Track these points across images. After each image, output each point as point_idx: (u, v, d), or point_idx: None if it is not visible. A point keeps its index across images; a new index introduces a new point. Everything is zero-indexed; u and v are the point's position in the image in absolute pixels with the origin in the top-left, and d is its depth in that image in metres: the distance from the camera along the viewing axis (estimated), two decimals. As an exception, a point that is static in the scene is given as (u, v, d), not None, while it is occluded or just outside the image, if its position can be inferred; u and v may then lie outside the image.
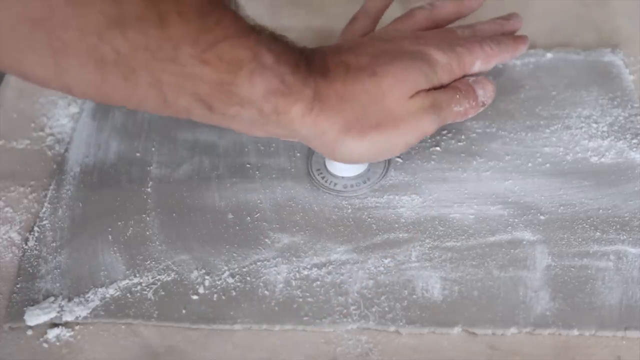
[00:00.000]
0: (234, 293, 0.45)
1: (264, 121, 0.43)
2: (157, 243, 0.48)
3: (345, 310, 0.44)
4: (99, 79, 0.39)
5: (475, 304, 0.44)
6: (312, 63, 0.44)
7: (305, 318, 0.44)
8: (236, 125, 0.44)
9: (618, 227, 0.47)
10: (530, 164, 0.52)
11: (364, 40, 0.51)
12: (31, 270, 0.47)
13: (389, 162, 0.52)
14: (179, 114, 0.42)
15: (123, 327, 0.45)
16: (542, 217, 0.48)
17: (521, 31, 0.63)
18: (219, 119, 0.43)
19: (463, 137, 0.54)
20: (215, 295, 0.45)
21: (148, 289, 0.46)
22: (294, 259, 0.47)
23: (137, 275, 0.47)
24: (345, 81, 0.45)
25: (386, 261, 0.46)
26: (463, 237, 0.48)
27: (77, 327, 0.45)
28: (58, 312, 0.45)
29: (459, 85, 0.49)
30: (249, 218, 0.49)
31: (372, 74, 0.45)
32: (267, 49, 0.41)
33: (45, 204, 0.51)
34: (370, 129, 0.45)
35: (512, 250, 0.47)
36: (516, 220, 0.48)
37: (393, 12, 0.65)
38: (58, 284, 0.46)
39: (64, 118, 0.57)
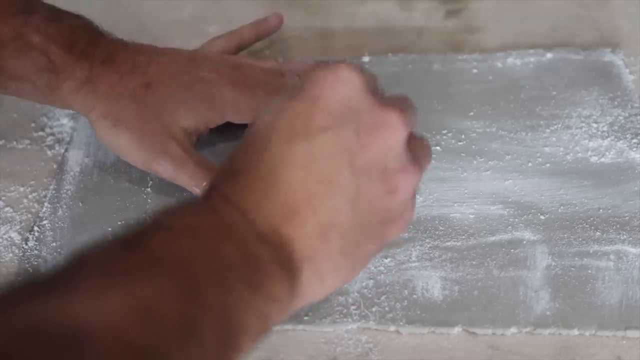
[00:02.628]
0: (234, 293, 0.45)
1: (42, 94, 0.48)
2: (157, 243, 0.48)
3: (345, 310, 0.44)
4: None
5: (476, 303, 0.44)
6: (97, 49, 0.48)
7: (306, 317, 0.44)
8: (23, 96, 0.50)
9: (618, 226, 0.47)
10: (530, 164, 0.52)
11: (170, 51, 0.52)
12: (31, 270, 0.47)
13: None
14: None
15: (123, 327, 0.44)
16: (542, 217, 0.48)
17: (521, 30, 0.63)
18: (4, 90, 0.49)
19: (463, 136, 0.54)
20: (215, 295, 0.45)
21: (148, 289, 0.46)
22: (294, 258, 0.47)
23: (137, 275, 0.46)
24: (122, 78, 0.48)
25: (386, 261, 0.46)
26: (463, 236, 0.48)
27: (77, 327, 0.45)
28: (58, 312, 0.45)
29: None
30: (249, 218, 0.49)
31: (146, 85, 0.48)
32: (35, 29, 0.45)
33: (45, 204, 0.51)
34: (122, 124, 0.48)
35: (512, 250, 0.47)
36: (516, 220, 0.48)
37: (393, 12, 0.66)
38: (58, 284, 0.46)
39: (64, 118, 0.57)
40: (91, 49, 0.48)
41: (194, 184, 0.48)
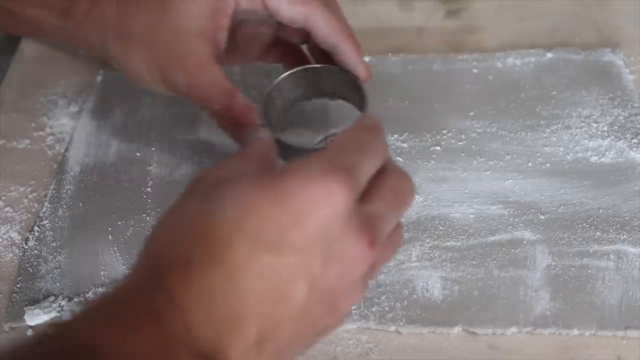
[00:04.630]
0: (234, 293, 0.45)
1: (58, 22, 0.49)
2: (157, 243, 0.48)
3: (345, 310, 0.44)
4: None
5: (476, 303, 0.44)
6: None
7: (306, 318, 0.44)
8: (42, 30, 0.52)
9: (618, 226, 0.47)
10: (530, 164, 0.52)
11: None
12: (31, 270, 0.47)
13: (389, 162, 0.52)
14: None
15: (123, 326, 0.44)
16: (542, 217, 0.48)
17: (521, 30, 0.63)
18: (21, 26, 0.53)
19: (463, 136, 0.54)
20: (215, 295, 0.45)
21: (148, 289, 0.46)
22: (294, 258, 0.47)
23: (137, 275, 0.46)
24: None
25: (386, 261, 0.46)
26: (463, 236, 0.48)
27: (77, 327, 0.44)
28: (58, 311, 0.45)
29: None
30: (249, 218, 0.49)
31: None
32: None
33: (45, 204, 0.51)
34: (133, 40, 0.46)
35: (512, 250, 0.47)
36: (516, 219, 0.48)
37: (393, 12, 0.66)
38: (58, 284, 0.46)
39: (64, 118, 0.57)
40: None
41: (206, 104, 0.44)
